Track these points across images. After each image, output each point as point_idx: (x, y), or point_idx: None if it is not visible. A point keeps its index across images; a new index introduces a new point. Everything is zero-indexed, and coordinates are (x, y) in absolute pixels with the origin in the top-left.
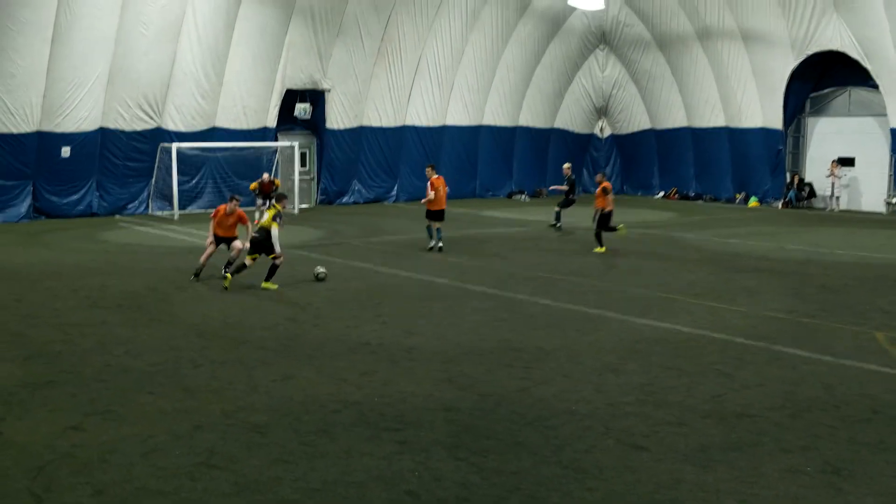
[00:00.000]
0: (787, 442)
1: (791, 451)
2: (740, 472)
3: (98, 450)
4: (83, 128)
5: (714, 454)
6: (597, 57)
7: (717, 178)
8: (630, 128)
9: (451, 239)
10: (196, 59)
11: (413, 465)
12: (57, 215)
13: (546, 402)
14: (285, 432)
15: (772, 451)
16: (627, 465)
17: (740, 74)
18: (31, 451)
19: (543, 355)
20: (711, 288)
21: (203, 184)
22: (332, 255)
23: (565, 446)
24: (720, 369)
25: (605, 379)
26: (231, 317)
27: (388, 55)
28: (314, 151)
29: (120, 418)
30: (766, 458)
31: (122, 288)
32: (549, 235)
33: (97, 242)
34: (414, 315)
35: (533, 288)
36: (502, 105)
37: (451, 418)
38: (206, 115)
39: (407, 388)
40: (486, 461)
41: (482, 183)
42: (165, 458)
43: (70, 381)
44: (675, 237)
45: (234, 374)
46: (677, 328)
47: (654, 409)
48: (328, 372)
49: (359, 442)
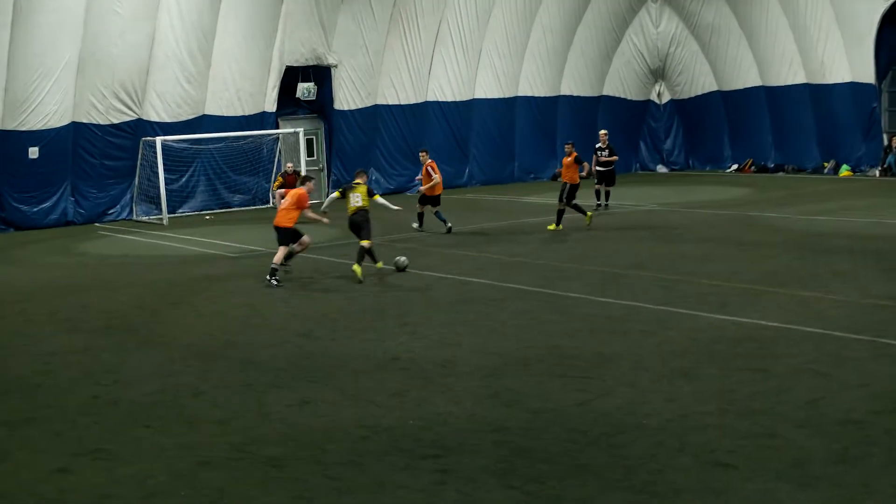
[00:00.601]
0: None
1: None
2: (846, 489)
3: (90, 494)
4: (52, 124)
5: (813, 469)
6: (649, 10)
7: (800, 145)
8: (693, 91)
9: (487, 231)
10: (179, 38)
11: (457, 496)
12: (27, 226)
13: (610, 416)
14: (306, 465)
15: (884, 464)
16: (709, 487)
17: (821, 22)
18: (13, 499)
19: (603, 362)
20: (799, 275)
21: (194, 182)
22: (349, 256)
23: (636, 467)
24: (815, 369)
25: (677, 387)
26: (234, 335)
27: (402, 21)
28: (322, 137)
29: (113, 457)
30: (878, 472)
31: (106, 307)
32: (603, 223)
33: (75, 255)
34: (448, 322)
35: (586, 284)
36: (540, 72)
37: (499, 440)
38: (194, 103)
39: (445, 409)
40: (543, 489)
41: (521, 165)
42: (168, 501)
43: (53, 417)
44: (753, 217)
45: (242, 401)
46: (761, 323)
47: (737, 420)
48: (352, 393)
49: (393, 472)
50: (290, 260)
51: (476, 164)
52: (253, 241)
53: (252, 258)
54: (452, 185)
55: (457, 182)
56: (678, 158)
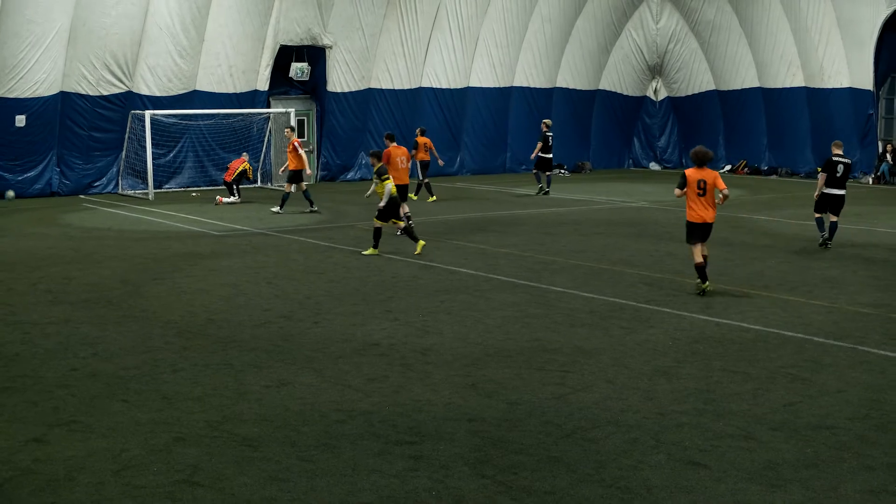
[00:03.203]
0: (871, 458)
1: (876, 468)
2: (815, 492)
3: (64, 466)
4: (40, 92)
5: (785, 472)
6: (650, 5)
7: (794, 148)
8: (690, 89)
9: (476, 221)
10: (172, 11)
11: (430, 483)
12: None
13: (586, 411)
14: (280, 446)
15: (853, 469)
16: (681, 485)
17: (822, 25)
18: None
19: (583, 357)
20: (784, 278)
21: (182, 158)
22: (335, 240)
23: (609, 462)
24: (794, 373)
25: (656, 384)
26: (216, 313)
27: (400, 5)
28: (313, 119)
29: (88, 430)
30: (847, 477)
31: (88, 280)
32: (592, 218)
33: (59, 227)
34: (431, 311)
35: (572, 278)
36: (537, 63)
37: (475, 430)
38: (185, 77)
39: (423, 396)
40: (515, 479)
41: (513, 156)
42: (141, 476)
43: (30, 387)
44: (743, 219)
45: (221, 380)
46: (743, 325)
47: (713, 420)
48: (330, 377)
49: (367, 457)
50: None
51: (468, 153)
52: (238, 220)
53: (237, 237)
54: (444, 172)
55: (448, 170)
56: (672, 156)
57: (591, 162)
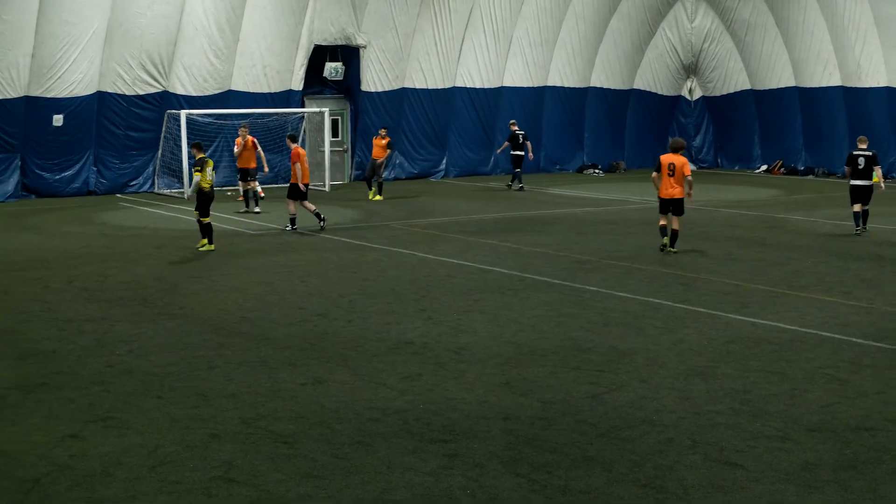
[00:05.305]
0: None
1: None
2: (853, 494)
3: (100, 461)
4: (77, 92)
5: (822, 473)
6: (684, 4)
7: (831, 148)
8: (725, 88)
9: (509, 220)
10: (208, 11)
11: (464, 481)
12: (48, 194)
13: (621, 410)
14: (315, 443)
15: (892, 471)
16: (717, 485)
17: (859, 24)
18: (24, 461)
19: (618, 357)
20: (822, 279)
21: (217, 157)
22: (369, 239)
23: (644, 462)
24: (831, 374)
25: (691, 385)
26: (251, 311)
27: (433, 4)
28: (347, 118)
29: (124, 426)
30: (886, 479)
31: (124, 278)
32: (626, 217)
33: (95, 225)
34: (464, 309)
35: (606, 278)
36: (571, 63)
37: (509, 428)
38: (221, 77)
39: (457, 394)
40: (550, 478)
41: (547, 155)
42: (177, 472)
43: (67, 383)
44: (779, 219)
45: (256, 377)
46: (780, 326)
47: (750, 421)
48: (365, 375)
49: (401, 455)
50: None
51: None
52: (273, 220)
53: (271, 236)
54: (477, 172)
55: (482, 170)
56: (707, 156)
57: (625, 161)
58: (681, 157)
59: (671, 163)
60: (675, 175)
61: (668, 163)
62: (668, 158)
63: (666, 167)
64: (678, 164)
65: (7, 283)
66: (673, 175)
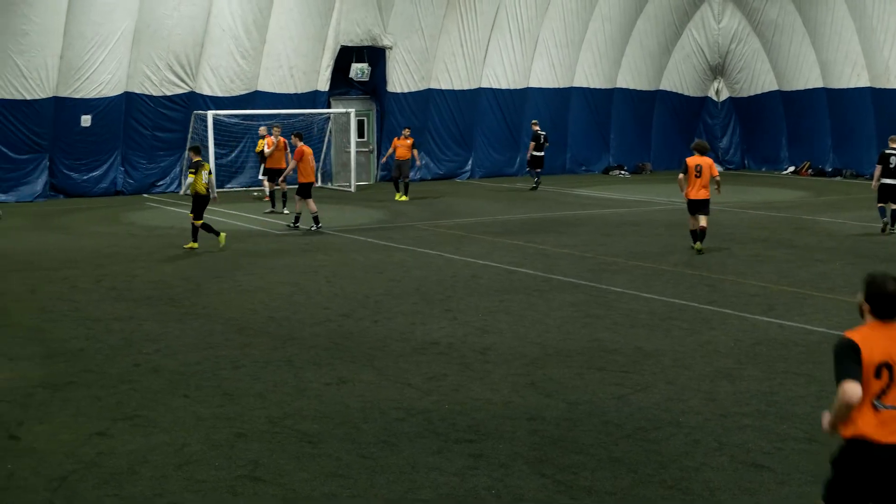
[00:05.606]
0: None
1: None
2: None
3: (126, 459)
4: (105, 93)
5: None
6: (711, 5)
7: (859, 149)
8: (752, 90)
9: (535, 221)
10: (235, 12)
11: (489, 482)
12: (76, 194)
13: (647, 411)
14: (340, 443)
15: None
16: (744, 487)
17: (888, 24)
18: (52, 459)
19: (643, 358)
20: (849, 281)
21: (244, 158)
22: (395, 240)
23: (670, 463)
24: None
25: (717, 386)
26: (276, 311)
27: (459, 5)
28: (373, 119)
29: (151, 424)
30: None
31: (151, 277)
32: (652, 219)
33: (122, 225)
34: (490, 310)
35: (632, 279)
36: (597, 64)
37: (535, 429)
38: (247, 78)
39: (482, 395)
40: (575, 479)
41: (573, 156)
42: (203, 470)
43: (94, 382)
44: (806, 220)
45: (281, 376)
46: (807, 328)
47: (777, 423)
48: (390, 375)
49: (426, 455)
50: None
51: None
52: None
53: (296, 236)
54: (503, 173)
55: (507, 171)
56: (734, 157)
57: (651, 163)
58: (707, 159)
59: (698, 164)
60: (702, 177)
61: (695, 164)
62: (694, 160)
63: (693, 169)
64: (705, 166)
65: (35, 282)
66: (700, 177)
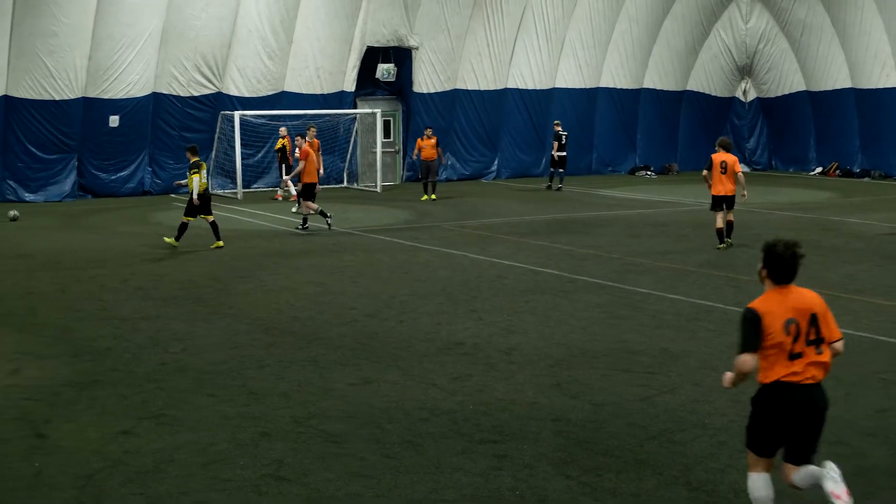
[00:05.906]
0: None
1: None
2: None
3: (152, 458)
4: (133, 93)
5: (877, 479)
6: (739, 5)
7: (888, 150)
8: (780, 90)
9: (561, 222)
10: (262, 13)
11: (514, 482)
12: (104, 194)
13: (672, 413)
14: (365, 443)
15: None
16: None
17: None
18: (78, 457)
19: (669, 359)
20: (877, 282)
21: (270, 158)
22: (420, 240)
23: (695, 465)
24: (887, 378)
25: (744, 388)
26: (301, 311)
27: (486, 6)
28: (399, 120)
29: (177, 423)
30: None
31: (177, 277)
32: (679, 220)
33: (150, 225)
34: (515, 311)
35: (657, 280)
36: (623, 64)
37: (559, 430)
38: (274, 79)
39: (507, 395)
40: (600, 481)
41: (599, 156)
42: (228, 469)
43: (121, 380)
44: (834, 221)
45: (306, 376)
46: None
47: None
48: (415, 375)
49: (450, 455)
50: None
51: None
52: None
53: (322, 236)
54: (529, 173)
55: (533, 171)
56: (761, 158)
57: (678, 163)
58: (731, 156)
59: (723, 161)
60: (726, 172)
61: (720, 161)
62: (719, 157)
63: (718, 165)
64: (730, 162)
65: (64, 281)
66: (725, 172)
